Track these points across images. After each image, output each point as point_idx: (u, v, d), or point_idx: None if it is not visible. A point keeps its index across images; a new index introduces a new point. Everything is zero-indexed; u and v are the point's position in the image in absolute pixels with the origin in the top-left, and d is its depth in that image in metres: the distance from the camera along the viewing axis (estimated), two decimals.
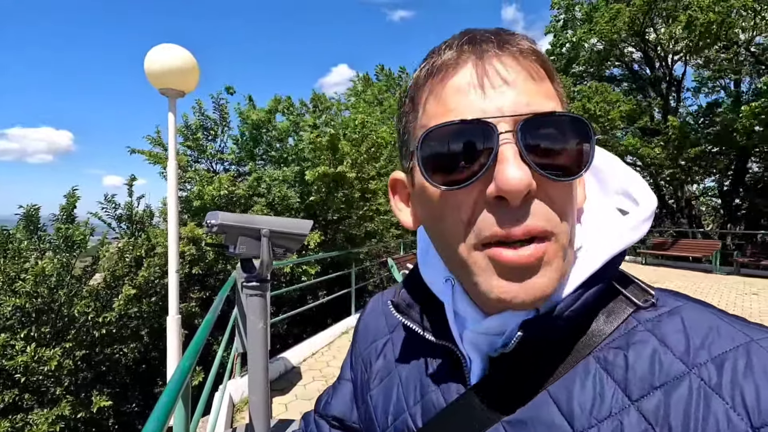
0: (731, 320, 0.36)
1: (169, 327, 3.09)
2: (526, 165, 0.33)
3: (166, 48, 3.03)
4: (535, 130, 0.33)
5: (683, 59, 16.91)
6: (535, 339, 0.37)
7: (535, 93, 0.35)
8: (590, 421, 0.34)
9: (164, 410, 1.07)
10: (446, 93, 0.36)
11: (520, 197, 0.32)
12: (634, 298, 0.39)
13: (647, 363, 0.34)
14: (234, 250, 2.13)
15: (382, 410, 0.49)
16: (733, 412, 0.30)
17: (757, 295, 8.39)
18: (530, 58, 0.36)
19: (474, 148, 0.34)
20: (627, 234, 0.39)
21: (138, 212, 7.04)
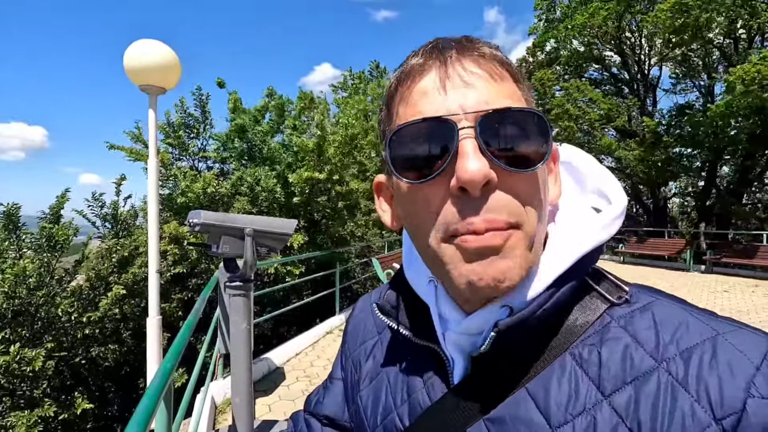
0: (701, 315, 0.37)
1: (149, 329, 3.03)
2: (485, 158, 0.34)
3: (147, 44, 2.96)
4: (493, 125, 0.35)
5: (659, 63, 17.43)
6: (509, 338, 0.38)
7: (495, 92, 0.36)
8: (566, 417, 0.35)
9: (146, 413, 1.05)
10: (414, 97, 0.38)
11: (478, 187, 0.34)
12: (608, 295, 0.40)
13: (619, 359, 0.36)
14: (217, 250, 2.10)
15: (372, 410, 0.50)
16: (697, 405, 0.31)
17: (728, 292, 8.71)
18: (491, 61, 0.38)
19: (437, 144, 0.36)
20: (598, 232, 0.40)
21: (123, 212, 6.88)
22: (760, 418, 0.29)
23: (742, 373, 0.31)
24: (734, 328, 0.35)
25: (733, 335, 0.34)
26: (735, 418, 0.30)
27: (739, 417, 0.30)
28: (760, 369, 0.31)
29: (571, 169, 0.47)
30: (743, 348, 0.33)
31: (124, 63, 2.92)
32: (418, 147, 0.37)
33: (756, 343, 0.33)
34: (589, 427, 0.34)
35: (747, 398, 0.30)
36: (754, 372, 0.31)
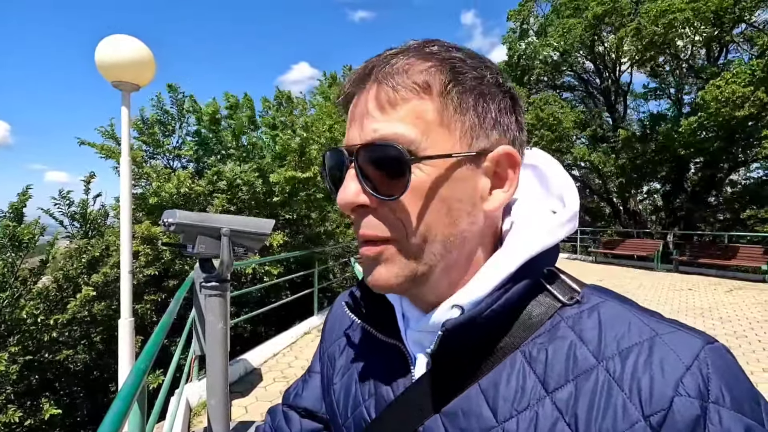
0: (644, 316, 0.39)
1: (121, 331, 2.96)
2: (360, 185, 0.40)
3: (120, 39, 2.89)
4: (367, 156, 0.39)
5: (630, 70, 18.05)
6: (459, 337, 0.40)
7: (384, 121, 0.39)
8: (511, 412, 0.38)
9: (118, 414, 1.04)
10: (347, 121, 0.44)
11: (348, 211, 0.41)
12: (560, 296, 0.42)
13: (564, 357, 0.38)
14: (193, 250, 2.07)
15: (344, 402, 0.53)
16: (629, 402, 0.33)
17: (692, 290, 9.09)
18: (393, 85, 0.39)
19: (337, 169, 0.43)
20: (545, 236, 0.42)
21: (93, 211, 6.65)
22: (686, 416, 0.31)
23: (673, 372, 0.33)
24: (673, 329, 0.37)
25: (670, 336, 0.36)
26: (662, 416, 0.32)
27: (665, 414, 0.32)
28: (690, 369, 0.33)
29: (538, 173, 0.49)
30: (677, 348, 0.34)
31: (96, 58, 2.84)
32: (330, 171, 0.45)
33: (690, 344, 0.35)
34: (532, 421, 0.36)
35: (674, 397, 0.32)
36: (683, 372, 0.33)
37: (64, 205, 6.41)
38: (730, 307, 7.41)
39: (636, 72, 18.11)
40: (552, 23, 17.34)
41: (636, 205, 18.90)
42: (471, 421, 0.39)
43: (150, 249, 6.07)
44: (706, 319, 6.53)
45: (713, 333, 5.69)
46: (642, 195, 20.36)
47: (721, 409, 0.32)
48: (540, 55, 17.72)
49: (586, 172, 20.48)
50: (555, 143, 15.88)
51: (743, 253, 10.96)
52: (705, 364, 0.33)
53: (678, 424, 0.31)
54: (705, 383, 0.32)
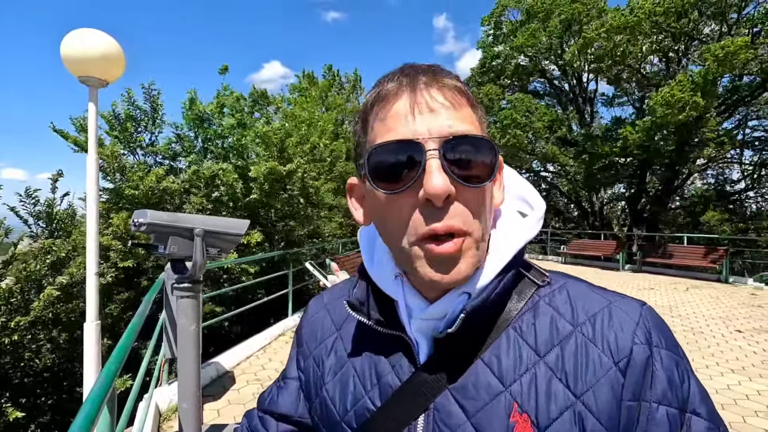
0: (599, 290, 0.50)
1: (86, 334, 2.85)
2: (447, 175, 0.42)
3: (87, 33, 2.79)
4: (454, 147, 0.42)
5: (595, 78, 18.78)
6: (473, 320, 0.46)
7: (455, 118, 0.43)
8: (514, 377, 0.45)
9: (88, 418, 1.01)
10: (388, 117, 0.44)
11: (441, 200, 0.41)
12: (536, 280, 0.51)
13: (548, 328, 0.47)
14: (164, 251, 2.02)
15: (340, 399, 0.54)
16: (603, 354, 0.44)
17: (654, 290, 9.53)
18: (453, 90, 0.45)
19: (408, 162, 0.43)
20: (526, 232, 0.51)
21: (60, 211, 6.34)
22: (642, 357, 0.43)
23: (628, 328, 0.44)
24: (620, 297, 0.48)
25: (620, 302, 0.47)
26: (626, 360, 0.43)
27: (628, 358, 0.43)
28: (639, 324, 0.45)
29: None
30: (627, 311, 0.46)
31: (62, 52, 2.73)
32: (392, 163, 0.43)
33: (633, 306, 0.47)
34: (532, 381, 0.44)
35: (633, 345, 0.43)
36: (635, 326, 0.44)
37: (30, 204, 6.10)
38: (688, 305, 7.81)
39: (601, 80, 18.87)
40: (520, 29, 17.87)
41: (602, 207, 19.64)
42: (480, 391, 0.46)
43: (123, 244, 5.86)
44: (666, 316, 6.86)
45: (673, 329, 5.93)
46: (608, 197, 21.17)
47: (661, 350, 0.44)
48: (511, 60, 18.20)
49: (555, 176, 21.14)
50: (527, 144, 16.33)
51: (700, 254, 11.57)
52: (646, 319, 0.45)
53: (637, 364, 0.42)
54: (649, 333, 0.44)
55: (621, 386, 0.42)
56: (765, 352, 5.03)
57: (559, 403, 0.42)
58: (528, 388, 0.44)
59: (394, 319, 0.52)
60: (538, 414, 0.43)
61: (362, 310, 0.53)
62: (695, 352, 5.06)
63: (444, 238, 0.43)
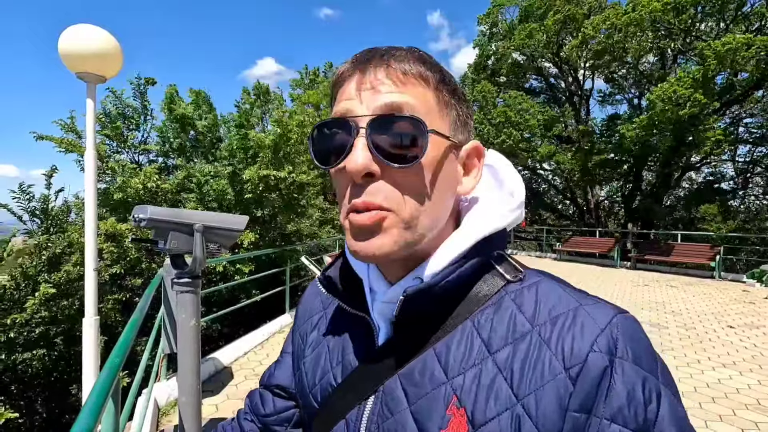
0: (573, 292, 0.46)
1: (85, 330, 2.86)
2: (371, 153, 0.42)
3: (85, 29, 2.79)
4: (381, 126, 0.42)
5: (591, 75, 18.85)
6: (417, 304, 0.45)
7: (395, 99, 0.43)
8: (459, 370, 0.44)
9: (94, 409, 1.03)
10: (339, 98, 0.46)
11: (359, 177, 0.42)
12: (506, 274, 0.48)
13: (505, 324, 0.44)
14: (165, 246, 2.04)
15: (312, 372, 0.58)
16: (555, 358, 0.40)
17: (648, 286, 9.62)
18: (402, 71, 0.44)
19: (340, 140, 0.44)
20: (495, 221, 0.49)
21: (55, 206, 6.31)
22: (597, 367, 0.38)
23: (590, 334, 0.40)
24: (594, 302, 0.44)
25: (591, 307, 0.43)
26: (579, 368, 0.39)
27: (582, 366, 0.39)
28: (604, 331, 0.40)
29: (493, 171, 0.56)
30: (595, 316, 0.41)
31: (60, 48, 2.73)
32: (327, 141, 0.45)
33: (606, 312, 0.42)
34: (476, 377, 0.43)
35: (590, 353, 0.39)
36: (598, 333, 0.40)
37: (24, 200, 6.06)
38: (681, 301, 7.90)
39: (597, 77, 18.94)
40: (517, 28, 17.91)
41: (598, 204, 19.75)
42: (425, 379, 0.45)
43: (114, 247, 5.85)
44: (660, 312, 6.94)
45: (666, 325, 6.08)
46: (604, 195, 21.28)
47: (625, 363, 0.39)
48: (508, 58, 18.24)
49: (550, 174, 21.21)
50: (522, 142, 16.37)
51: (693, 251, 11.68)
52: (615, 328, 0.40)
53: (591, 374, 0.38)
54: (614, 343, 0.39)
55: (569, 395, 0.38)
56: (756, 348, 5.11)
57: (500, 403, 0.40)
58: (471, 383, 0.42)
59: (363, 300, 0.53)
60: (475, 410, 0.41)
61: (333, 289, 0.55)
62: (688, 347, 5.13)
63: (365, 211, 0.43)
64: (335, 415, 0.52)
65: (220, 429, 0.74)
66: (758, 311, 7.07)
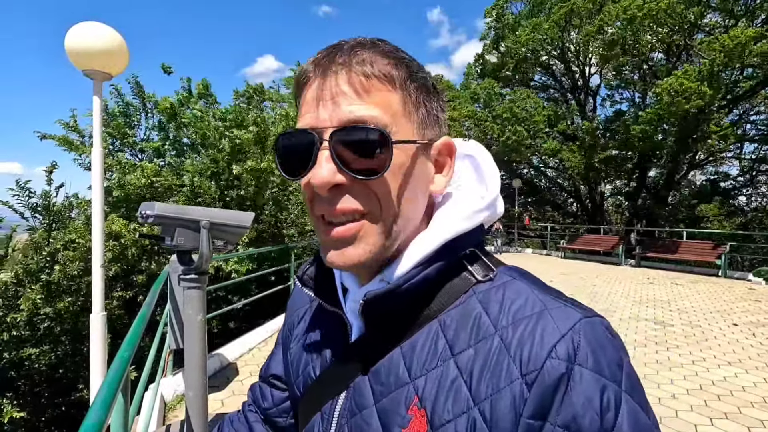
0: (542, 293, 0.44)
1: (92, 326, 2.89)
2: (335, 165, 0.42)
3: (91, 26, 2.80)
4: (344, 139, 0.42)
5: (598, 72, 18.73)
6: (383, 306, 0.45)
7: (359, 105, 0.42)
8: (422, 371, 0.43)
9: (105, 402, 1.04)
10: (303, 104, 0.45)
11: (325, 190, 0.42)
12: (476, 274, 0.47)
13: (470, 326, 0.43)
14: (171, 242, 2.06)
15: (296, 363, 0.60)
16: (513, 363, 0.39)
17: (652, 284, 9.59)
18: (366, 75, 0.42)
19: (303, 152, 0.43)
20: (460, 222, 0.48)
21: (56, 203, 6.35)
22: (553, 375, 0.37)
23: (549, 339, 0.39)
24: (561, 304, 0.42)
25: (556, 310, 0.41)
26: (535, 374, 0.37)
27: (538, 373, 0.37)
28: (564, 337, 0.38)
29: (474, 162, 0.55)
30: (558, 320, 0.40)
31: (66, 46, 2.74)
32: (292, 152, 0.45)
33: (570, 317, 0.40)
34: (437, 378, 0.42)
35: (547, 359, 0.38)
36: (558, 339, 0.38)
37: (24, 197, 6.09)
38: (687, 299, 7.87)
39: (604, 72, 18.81)
40: (524, 21, 17.80)
41: (602, 202, 19.66)
42: (390, 378, 0.45)
43: (115, 244, 5.86)
44: (665, 310, 6.92)
45: (671, 323, 6.06)
46: (608, 192, 21.19)
47: (584, 370, 0.37)
48: (514, 53, 18.15)
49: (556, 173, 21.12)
50: (527, 139, 16.31)
51: (698, 249, 11.63)
52: (578, 334, 0.38)
53: (546, 381, 0.37)
54: (574, 349, 0.38)
55: (524, 401, 0.37)
56: (762, 345, 5.08)
57: (458, 406, 0.40)
58: (432, 384, 0.42)
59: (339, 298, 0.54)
60: (434, 412, 0.41)
61: (310, 285, 0.56)
62: (693, 345, 5.11)
63: (338, 223, 0.43)
64: (313, 407, 0.53)
65: (227, 421, 0.75)
66: (764, 309, 7.03)
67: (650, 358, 4.67)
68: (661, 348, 5.01)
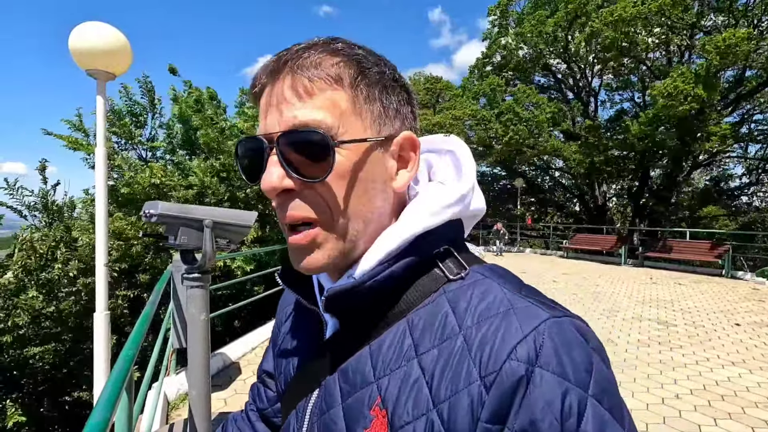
0: (512, 293, 0.42)
1: (96, 325, 2.90)
2: (283, 170, 0.42)
3: (95, 26, 2.81)
4: (289, 143, 0.42)
5: (600, 72, 18.67)
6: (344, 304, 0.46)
7: (302, 108, 0.42)
8: (386, 371, 0.43)
9: (110, 400, 1.04)
10: (259, 112, 0.46)
11: (274, 194, 0.43)
12: (447, 272, 0.46)
13: (436, 325, 0.42)
14: (175, 241, 2.07)
15: (279, 359, 0.61)
16: (473, 365, 0.38)
17: (655, 284, 9.56)
18: (309, 76, 0.42)
19: (255, 158, 0.45)
20: (427, 218, 0.46)
21: (55, 201, 6.38)
22: (512, 377, 0.36)
23: (510, 340, 0.37)
24: (528, 304, 0.40)
25: (522, 310, 0.39)
26: (494, 377, 0.36)
27: (496, 375, 0.36)
28: (526, 338, 0.37)
29: (454, 158, 0.54)
30: (521, 321, 0.38)
31: (70, 46, 2.76)
32: (247, 158, 0.46)
33: (535, 316, 0.38)
34: (399, 378, 0.42)
35: (506, 361, 0.36)
36: (519, 340, 0.37)
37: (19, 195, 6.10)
38: (690, 299, 7.84)
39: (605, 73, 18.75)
40: (527, 18, 17.77)
41: (605, 202, 19.61)
42: (356, 378, 0.45)
43: (120, 243, 5.90)
44: (668, 310, 6.90)
45: (674, 323, 6.04)
46: (611, 193, 21.14)
47: (545, 372, 0.35)
48: (516, 52, 18.12)
49: (558, 170, 21.09)
50: (529, 138, 16.28)
51: (702, 249, 11.58)
52: (541, 335, 0.37)
53: (505, 384, 0.36)
54: (536, 350, 0.36)
55: (482, 404, 0.36)
56: (766, 346, 5.06)
57: (418, 408, 0.39)
58: (395, 384, 0.41)
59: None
60: (395, 413, 0.40)
61: (290, 282, 0.56)
62: (696, 345, 5.09)
63: (298, 228, 0.44)
64: (290, 405, 0.54)
65: (231, 420, 0.76)
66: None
67: (654, 358, 4.66)
68: (664, 348, 4.99)
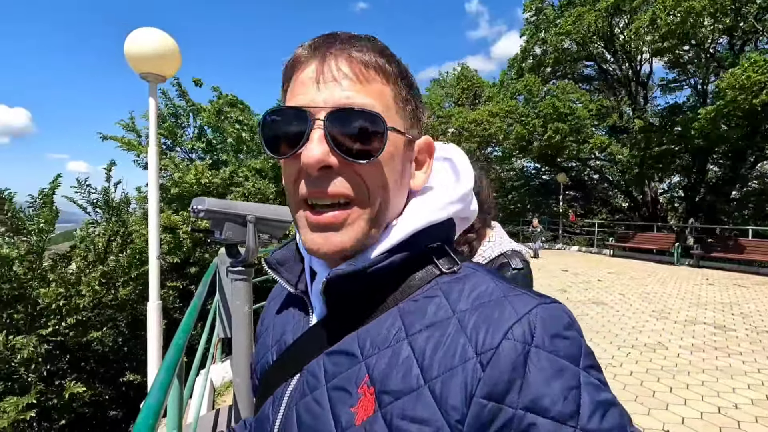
0: (505, 286, 0.44)
1: (149, 313, 3.10)
2: (328, 146, 0.42)
3: (148, 32, 2.98)
4: (340, 120, 0.42)
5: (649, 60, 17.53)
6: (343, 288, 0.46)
7: (356, 91, 0.42)
8: (374, 351, 0.44)
9: (162, 386, 1.11)
10: (296, 84, 0.45)
11: (314, 170, 0.42)
12: (441, 266, 0.48)
13: (428, 311, 0.44)
14: (220, 236, 2.16)
15: (258, 351, 0.61)
16: (468, 344, 0.39)
17: (712, 285, 8.93)
18: (364, 63, 0.43)
19: (296, 130, 0.43)
20: (428, 215, 0.48)
21: (114, 198, 6.90)
22: (510, 355, 0.37)
23: (506, 322, 0.39)
24: (521, 293, 0.42)
25: (515, 298, 0.42)
26: (490, 354, 0.38)
27: (493, 353, 0.38)
28: (521, 320, 0.39)
29: (452, 165, 0.56)
30: (516, 306, 0.40)
31: (125, 51, 2.94)
32: (281, 130, 0.44)
33: (527, 303, 0.41)
34: (389, 357, 0.43)
35: (503, 340, 0.38)
36: (514, 322, 0.39)
37: (86, 193, 6.66)
38: (752, 302, 7.27)
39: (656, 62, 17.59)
40: (565, 13, 17.03)
41: (655, 197, 18.49)
42: (342, 358, 0.46)
43: (171, 237, 6.26)
44: (726, 313, 6.43)
45: (733, 328, 5.62)
46: (663, 188, 19.90)
47: (541, 352, 0.37)
48: (555, 45, 17.39)
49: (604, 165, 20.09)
50: (571, 135, 15.61)
51: (767, 248, 10.68)
52: (534, 317, 0.39)
53: (502, 361, 0.37)
54: (531, 331, 0.38)
55: (477, 380, 0.37)
56: None
57: (407, 384, 0.40)
58: (384, 363, 0.42)
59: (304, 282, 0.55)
60: (383, 390, 0.41)
61: (277, 268, 0.56)
62: (759, 352, 4.72)
63: (325, 209, 0.43)
64: (266, 392, 0.54)
65: None
66: None
67: (709, 364, 4.36)
68: (721, 354, 4.66)
